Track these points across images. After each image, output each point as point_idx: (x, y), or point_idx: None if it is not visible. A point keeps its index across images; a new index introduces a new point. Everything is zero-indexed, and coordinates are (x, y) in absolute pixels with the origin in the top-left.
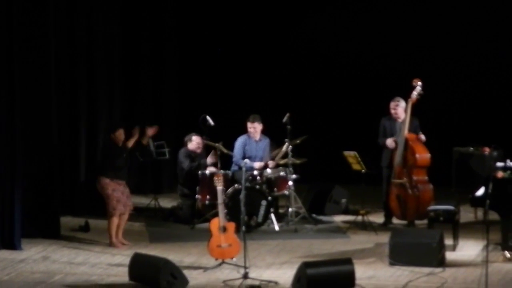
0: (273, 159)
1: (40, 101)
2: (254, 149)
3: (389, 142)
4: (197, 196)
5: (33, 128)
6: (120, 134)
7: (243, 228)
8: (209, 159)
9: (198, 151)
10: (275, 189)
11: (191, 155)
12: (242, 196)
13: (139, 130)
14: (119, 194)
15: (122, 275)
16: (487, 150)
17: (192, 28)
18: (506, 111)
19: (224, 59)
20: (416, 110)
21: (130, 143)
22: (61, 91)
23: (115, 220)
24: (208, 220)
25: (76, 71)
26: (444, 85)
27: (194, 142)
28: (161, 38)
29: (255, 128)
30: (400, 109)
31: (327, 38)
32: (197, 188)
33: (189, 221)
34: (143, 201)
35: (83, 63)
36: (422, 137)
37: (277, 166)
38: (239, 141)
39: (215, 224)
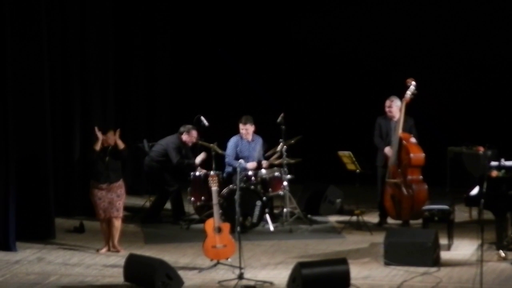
0: (267, 159)
1: (34, 102)
2: (247, 149)
3: (387, 150)
4: (190, 197)
5: (27, 130)
6: (108, 137)
7: (238, 228)
8: (199, 160)
9: (190, 145)
10: (270, 189)
11: (181, 148)
12: (237, 196)
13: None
14: (96, 199)
15: (117, 276)
16: (481, 149)
17: (185, 28)
18: (500, 110)
19: (217, 58)
20: (411, 110)
21: (97, 146)
22: (55, 92)
23: (101, 225)
24: (202, 221)
25: (70, 71)
26: (438, 85)
27: (193, 136)
28: (154, 38)
29: (247, 129)
30: (395, 108)
31: (321, 37)
32: (189, 189)
33: (177, 217)
34: (138, 202)
35: (77, 64)
36: (413, 140)
37: (271, 166)
38: (232, 142)
39: (210, 224)
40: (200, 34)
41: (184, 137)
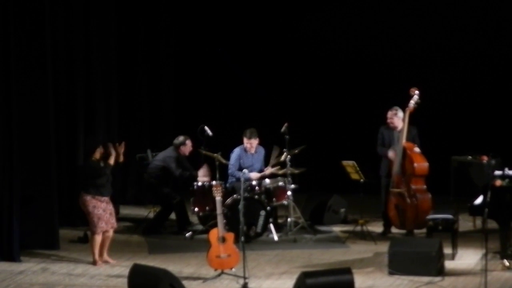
0: (271, 166)
1: (38, 111)
2: (250, 160)
3: (391, 153)
4: (193, 207)
5: (31, 140)
6: (100, 153)
7: (242, 238)
8: (201, 176)
9: (187, 154)
10: (274, 199)
11: (180, 160)
12: (241, 206)
13: (114, 147)
14: (100, 212)
15: (121, 286)
16: (485, 159)
17: (189, 36)
18: (504, 120)
19: (222, 68)
20: (414, 119)
21: (112, 161)
22: (59, 102)
23: (96, 238)
24: (207, 231)
25: (74, 79)
26: (442, 94)
27: (188, 146)
28: (158, 46)
29: (251, 144)
30: (397, 119)
31: (325, 47)
32: (192, 199)
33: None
34: (142, 212)
35: (80, 71)
36: (416, 149)
37: (275, 176)
38: (235, 153)
39: (214, 234)
40: (205, 42)
41: (182, 149)
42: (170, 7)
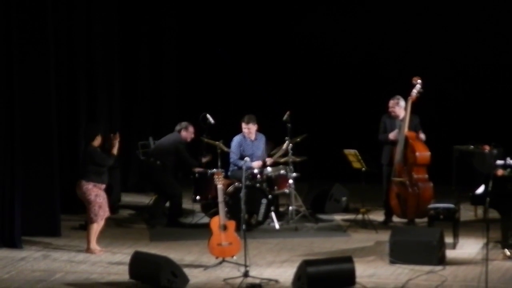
0: (271, 156)
1: (40, 99)
2: (250, 148)
3: (392, 135)
4: (194, 196)
5: (33, 127)
6: (99, 141)
7: (244, 226)
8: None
9: (188, 140)
10: (276, 187)
11: (186, 146)
12: (242, 194)
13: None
14: (101, 200)
15: (123, 273)
16: (487, 148)
17: (191, 26)
18: (506, 109)
19: (224, 57)
20: (416, 108)
21: (115, 151)
22: (61, 90)
23: (95, 227)
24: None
25: (76, 70)
26: (444, 83)
27: (190, 132)
28: (160, 36)
29: (249, 129)
30: (398, 108)
31: (327, 35)
32: (193, 187)
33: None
34: (144, 200)
35: (83, 61)
36: (422, 136)
37: (277, 164)
38: (235, 141)
39: (216, 222)
40: (206, 32)
41: (183, 134)
42: None
